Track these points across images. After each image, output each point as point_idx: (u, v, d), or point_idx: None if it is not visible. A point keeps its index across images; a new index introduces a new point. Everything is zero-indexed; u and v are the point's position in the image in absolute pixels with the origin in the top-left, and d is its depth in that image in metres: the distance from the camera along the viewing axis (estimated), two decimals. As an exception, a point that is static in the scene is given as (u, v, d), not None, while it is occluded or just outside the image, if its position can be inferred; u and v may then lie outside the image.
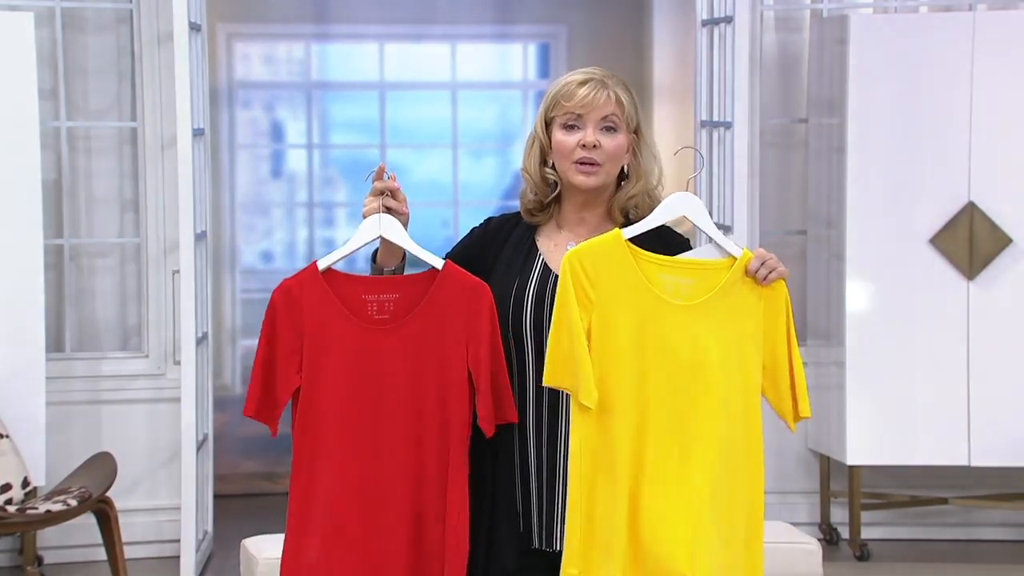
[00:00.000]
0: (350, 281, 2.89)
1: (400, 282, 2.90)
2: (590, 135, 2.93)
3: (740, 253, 2.88)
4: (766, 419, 2.92)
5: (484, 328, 2.85)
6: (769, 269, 2.86)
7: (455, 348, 2.85)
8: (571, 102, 2.95)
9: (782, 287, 2.89)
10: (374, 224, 2.91)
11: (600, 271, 2.82)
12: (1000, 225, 5.89)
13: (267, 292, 2.97)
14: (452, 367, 2.85)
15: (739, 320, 2.85)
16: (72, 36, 6.04)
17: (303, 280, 2.87)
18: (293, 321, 2.86)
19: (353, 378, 2.85)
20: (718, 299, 2.85)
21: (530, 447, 2.94)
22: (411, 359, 2.85)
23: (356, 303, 2.87)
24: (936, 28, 5.95)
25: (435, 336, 2.86)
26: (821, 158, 6.23)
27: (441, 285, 2.87)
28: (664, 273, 2.84)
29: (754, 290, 2.86)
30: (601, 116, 2.94)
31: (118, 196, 6.16)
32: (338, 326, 2.85)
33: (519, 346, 2.94)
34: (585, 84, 2.95)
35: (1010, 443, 5.90)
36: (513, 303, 2.95)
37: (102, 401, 6.04)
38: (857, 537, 6.03)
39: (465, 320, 2.85)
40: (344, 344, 2.85)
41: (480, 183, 8.14)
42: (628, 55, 7.84)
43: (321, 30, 8.03)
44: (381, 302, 2.87)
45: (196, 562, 5.54)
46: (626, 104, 2.96)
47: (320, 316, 2.85)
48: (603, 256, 2.83)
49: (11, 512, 5.03)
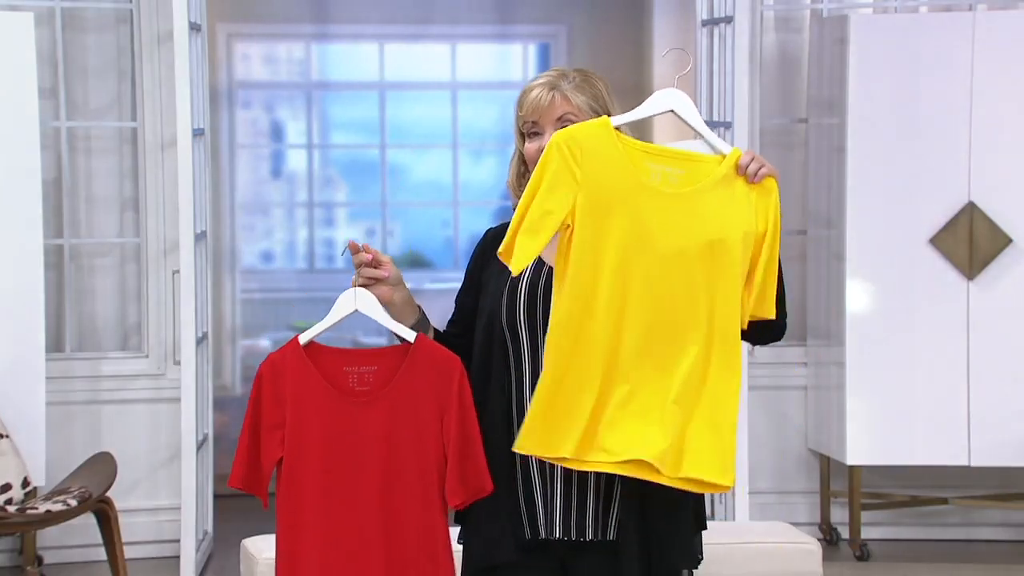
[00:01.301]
0: (331, 353, 2.94)
1: (378, 354, 2.95)
2: (546, 140, 2.95)
3: (730, 151, 2.85)
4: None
5: (454, 401, 2.89)
6: (760, 164, 2.84)
7: (429, 422, 2.90)
8: (524, 110, 2.99)
9: (773, 184, 2.85)
10: (350, 299, 2.95)
11: (586, 152, 2.78)
12: (1000, 225, 5.89)
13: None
14: (427, 441, 2.90)
15: (730, 214, 2.81)
16: (72, 36, 6.05)
17: (286, 354, 2.93)
18: (277, 395, 2.92)
19: (333, 449, 2.91)
20: (708, 191, 2.81)
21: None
22: (388, 432, 2.91)
23: (337, 375, 2.93)
24: (936, 28, 5.95)
25: (410, 410, 2.90)
26: (821, 158, 6.23)
27: (413, 359, 2.91)
28: (651, 161, 2.81)
29: (745, 186, 2.83)
30: (556, 118, 2.96)
31: (118, 196, 6.16)
32: (319, 399, 2.91)
33: (514, 338, 2.94)
34: (534, 89, 2.98)
35: (1010, 443, 5.90)
36: (507, 296, 2.96)
37: (102, 401, 6.04)
38: (857, 537, 6.03)
39: (436, 393, 2.90)
40: (324, 416, 2.91)
41: (480, 183, 8.14)
42: (628, 55, 7.84)
43: (321, 30, 8.03)
44: (361, 374, 2.93)
45: (196, 562, 5.54)
46: (580, 101, 2.96)
47: (301, 389, 2.91)
48: (590, 139, 2.80)
49: (11, 512, 5.03)
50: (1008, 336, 5.89)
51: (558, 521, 2.93)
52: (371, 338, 7.77)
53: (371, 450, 2.90)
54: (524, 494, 2.95)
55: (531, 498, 2.94)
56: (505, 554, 2.93)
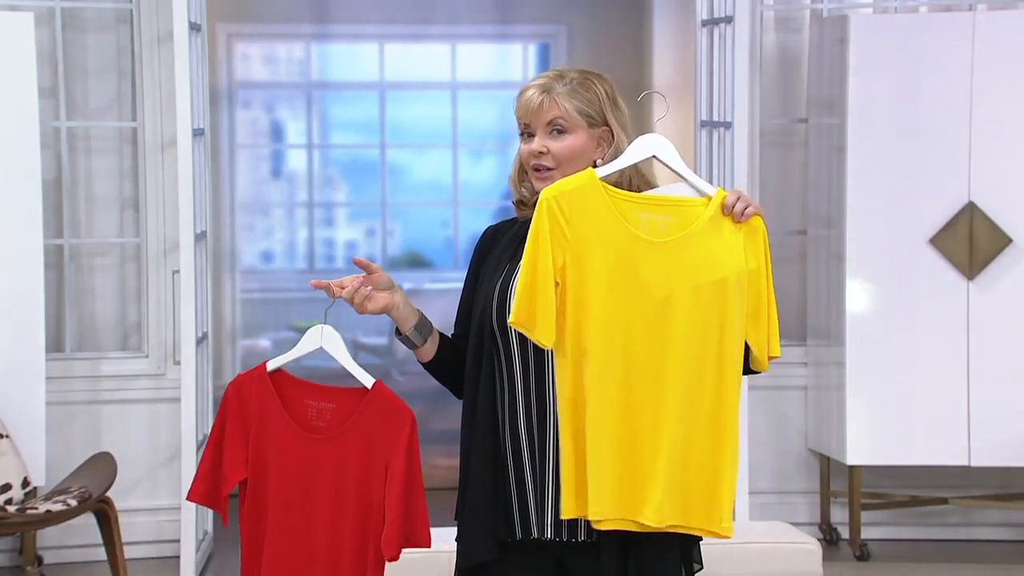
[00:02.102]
0: (296, 385, 2.98)
1: (337, 393, 2.98)
2: (536, 142, 2.98)
3: (714, 192, 2.85)
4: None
5: (401, 453, 2.90)
6: (745, 204, 2.85)
7: (376, 468, 2.92)
8: (518, 111, 3.02)
9: (760, 223, 2.85)
10: (316, 335, 2.99)
11: (575, 209, 2.80)
12: (1000, 225, 5.89)
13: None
14: (372, 487, 2.92)
15: (719, 257, 2.82)
16: (72, 36, 6.05)
17: (253, 378, 2.98)
18: (242, 416, 2.97)
19: (289, 479, 2.95)
20: (697, 235, 2.82)
21: (521, 438, 2.95)
22: (337, 472, 2.94)
23: (299, 407, 2.96)
24: (936, 28, 5.95)
25: (359, 454, 2.93)
26: (821, 158, 6.23)
27: (368, 405, 2.94)
28: (639, 210, 2.82)
29: (733, 226, 2.83)
30: (547, 121, 2.97)
31: (118, 196, 6.16)
32: (279, 428, 2.96)
33: (504, 338, 2.95)
34: (528, 91, 3.00)
35: (1010, 443, 5.90)
36: (498, 295, 2.96)
37: (102, 401, 6.04)
38: (857, 537, 6.03)
39: (385, 442, 2.92)
40: (283, 446, 2.95)
41: (480, 183, 8.14)
42: (628, 55, 7.84)
43: (321, 30, 8.03)
44: (320, 409, 2.97)
45: (196, 562, 5.54)
46: (572, 106, 2.96)
47: (264, 416, 2.96)
48: (578, 194, 2.81)
49: (11, 512, 5.03)
50: (1008, 336, 5.89)
51: (549, 521, 2.93)
52: (371, 338, 7.77)
53: (322, 485, 2.94)
54: (517, 494, 2.95)
55: (524, 498, 2.95)
56: (485, 553, 2.94)
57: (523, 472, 2.95)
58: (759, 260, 2.85)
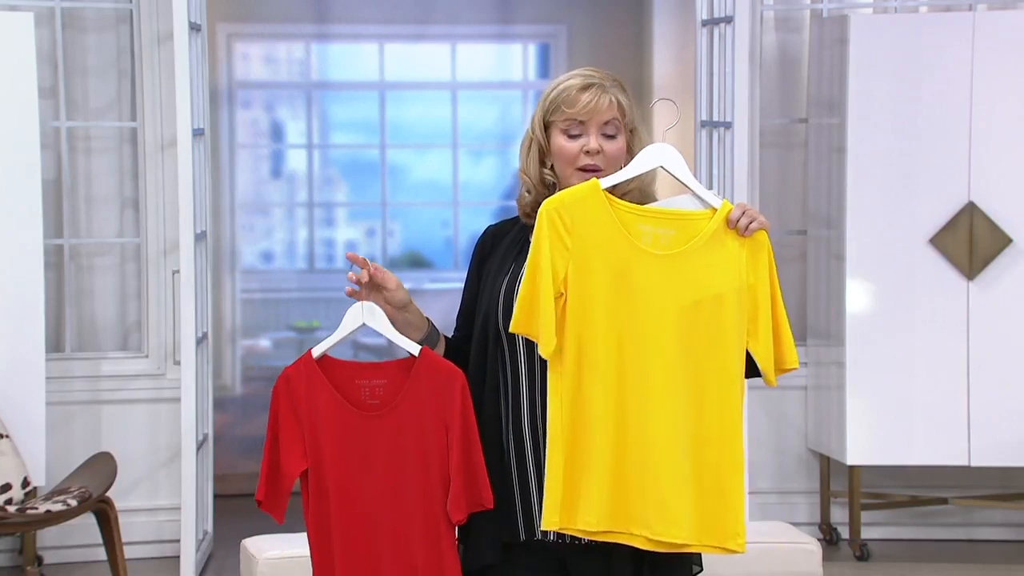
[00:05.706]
0: (344, 367, 2.98)
1: (387, 367, 2.99)
2: (593, 142, 2.93)
3: (720, 204, 2.84)
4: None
5: (456, 416, 2.91)
6: (750, 219, 2.83)
7: (434, 435, 2.93)
8: (574, 108, 2.94)
9: (764, 237, 2.84)
10: (358, 312, 3.00)
11: (576, 219, 2.80)
12: (1000, 225, 5.89)
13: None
14: (432, 456, 2.93)
15: (721, 270, 2.81)
16: (72, 36, 6.05)
17: (300, 368, 2.97)
18: (294, 408, 2.96)
19: (351, 461, 2.95)
20: (699, 249, 2.81)
21: (526, 439, 2.95)
22: (397, 445, 2.94)
23: (350, 388, 2.97)
24: (936, 28, 5.95)
25: (416, 423, 2.93)
26: (821, 158, 6.23)
27: (418, 373, 2.94)
28: (642, 223, 2.81)
29: (736, 240, 2.82)
30: (603, 121, 2.94)
31: (118, 196, 6.16)
32: (334, 412, 2.95)
33: (510, 339, 2.94)
34: (587, 90, 2.94)
35: (1010, 443, 5.90)
36: (503, 298, 2.95)
37: (102, 401, 6.04)
38: (857, 537, 6.03)
39: (440, 408, 2.92)
40: (340, 430, 2.95)
41: (480, 183, 8.14)
42: (628, 55, 7.84)
43: (321, 30, 8.03)
44: (372, 387, 2.97)
45: (196, 562, 5.54)
46: (625, 107, 2.96)
47: (317, 403, 2.96)
48: (580, 204, 2.80)
49: (11, 512, 5.03)
50: (1008, 336, 5.89)
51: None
52: (371, 338, 7.77)
53: (384, 461, 2.94)
54: (521, 496, 2.95)
55: (528, 500, 2.95)
56: (493, 556, 2.94)
57: (527, 473, 2.95)
58: (760, 275, 2.83)
